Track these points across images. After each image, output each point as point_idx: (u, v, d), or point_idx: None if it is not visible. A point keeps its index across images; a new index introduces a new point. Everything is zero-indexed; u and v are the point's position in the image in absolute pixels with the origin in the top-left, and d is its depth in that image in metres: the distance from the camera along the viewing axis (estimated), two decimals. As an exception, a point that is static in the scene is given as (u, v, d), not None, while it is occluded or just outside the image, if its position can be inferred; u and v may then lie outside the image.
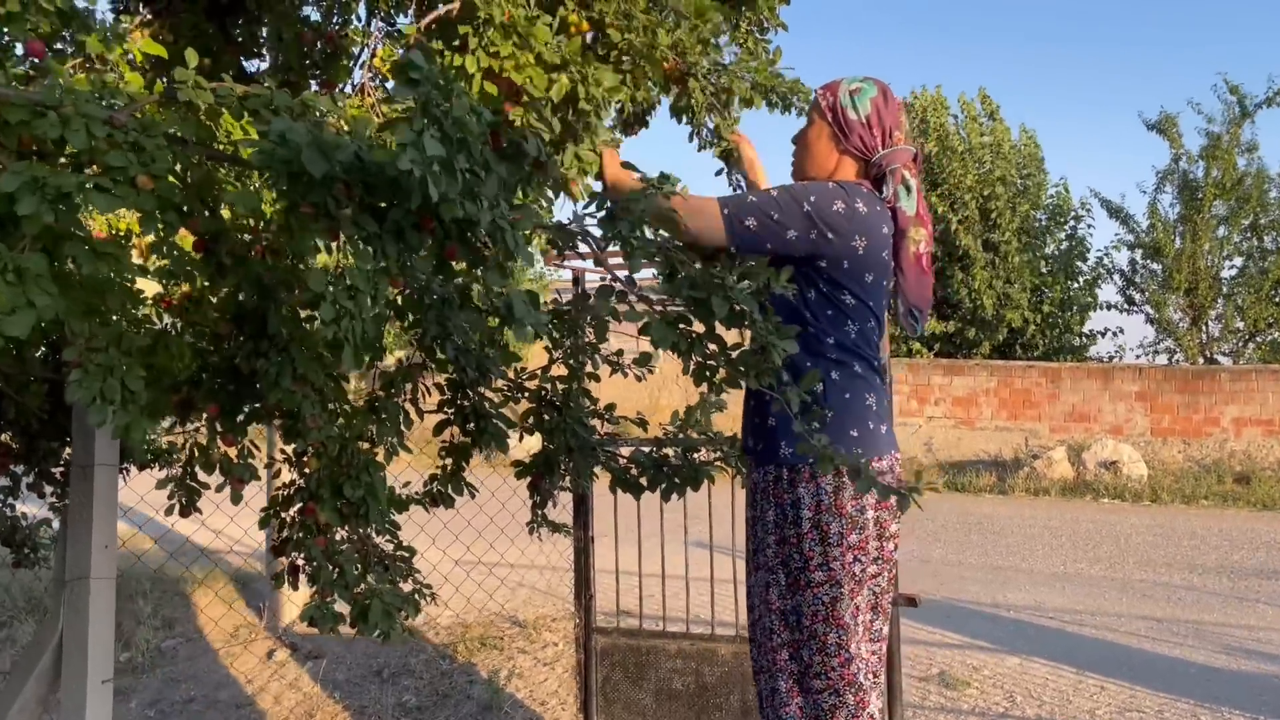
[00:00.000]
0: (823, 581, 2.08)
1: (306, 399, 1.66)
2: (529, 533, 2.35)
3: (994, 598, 6.33)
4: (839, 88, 2.27)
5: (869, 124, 2.24)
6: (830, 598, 2.08)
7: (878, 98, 2.25)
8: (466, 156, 1.33)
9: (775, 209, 2.07)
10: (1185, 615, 5.90)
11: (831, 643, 2.09)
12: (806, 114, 2.35)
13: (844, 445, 2.09)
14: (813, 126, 2.30)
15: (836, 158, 2.26)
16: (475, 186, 1.41)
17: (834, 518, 2.06)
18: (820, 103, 2.29)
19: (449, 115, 1.31)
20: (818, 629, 2.09)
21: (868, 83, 2.27)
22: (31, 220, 1.44)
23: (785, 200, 2.09)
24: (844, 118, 2.24)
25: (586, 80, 2.19)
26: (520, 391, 2.09)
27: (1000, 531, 9.13)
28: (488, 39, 2.10)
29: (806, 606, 2.09)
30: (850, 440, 2.11)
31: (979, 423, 13.90)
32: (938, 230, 15.98)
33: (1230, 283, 15.66)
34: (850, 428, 2.12)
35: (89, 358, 1.55)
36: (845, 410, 2.13)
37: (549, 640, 4.88)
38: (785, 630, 2.13)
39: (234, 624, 4.96)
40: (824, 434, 2.04)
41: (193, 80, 1.65)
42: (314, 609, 1.75)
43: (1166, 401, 13.25)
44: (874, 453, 2.12)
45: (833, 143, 2.26)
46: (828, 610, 2.08)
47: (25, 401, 2.43)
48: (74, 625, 2.34)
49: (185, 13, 2.72)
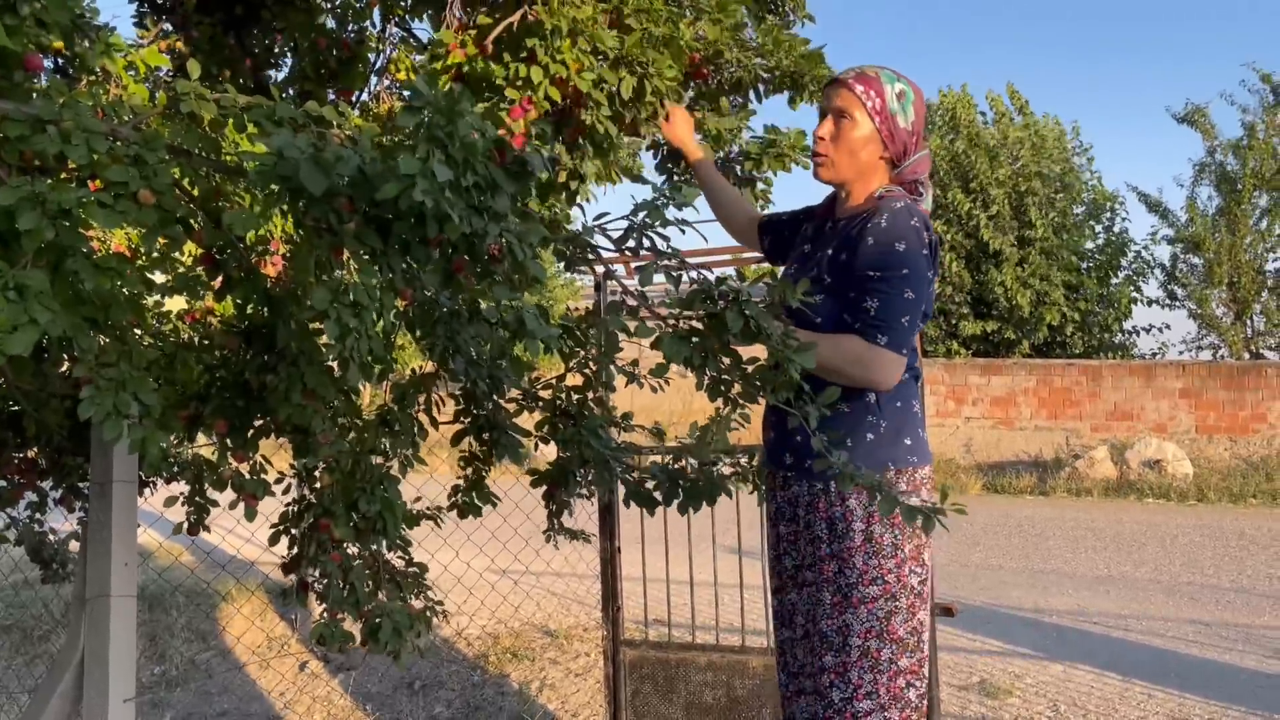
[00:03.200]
0: (877, 596, 2.03)
1: (317, 414, 1.63)
2: (546, 540, 2.31)
3: (1035, 602, 6.20)
4: (884, 88, 2.11)
5: (914, 132, 2.14)
6: (885, 612, 2.02)
7: (918, 102, 2.15)
8: (472, 174, 1.29)
9: (915, 306, 2.01)
10: (1235, 619, 5.73)
11: (885, 659, 2.02)
12: (839, 109, 2.13)
13: (899, 453, 2.08)
14: (857, 128, 2.12)
15: (875, 164, 2.15)
16: (483, 201, 1.38)
17: (886, 528, 2.03)
18: (865, 102, 2.11)
19: (454, 137, 1.27)
20: (870, 645, 2.02)
21: (904, 83, 2.14)
22: (32, 236, 1.42)
23: (913, 287, 2.00)
24: (894, 125, 2.11)
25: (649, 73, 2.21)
26: (535, 401, 2.05)
27: (1041, 534, 8.96)
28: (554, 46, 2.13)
29: (859, 623, 2.03)
30: (904, 448, 2.09)
31: (1018, 423, 13.68)
32: (969, 228, 15.79)
33: (1275, 275, 15.31)
34: (905, 435, 2.10)
35: (99, 373, 1.53)
36: (899, 418, 2.11)
37: (580, 650, 4.83)
38: (829, 653, 2.05)
39: (266, 635, 4.96)
40: (880, 442, 2.06)
41: (195, 92, 1.62)
42: (324, 627, 1.71)
43: (1211, 398, 12.96)
44: (925, 461, 2.12)
45: (876, 148, 2.13)
46: (882, 625, 2.02)
47: (45, 418, 2.43)
48: (95, 644, 2.33)
49: (202, 25, 2.72)
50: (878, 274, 2.00)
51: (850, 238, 2.08)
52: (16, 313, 1.38)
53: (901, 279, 1.99)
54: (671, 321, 1.58)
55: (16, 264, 1.42)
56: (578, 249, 1.67)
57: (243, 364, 1.72)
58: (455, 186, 1.31)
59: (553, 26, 2.10)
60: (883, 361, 1.99)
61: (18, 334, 1.38)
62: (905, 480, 2.08)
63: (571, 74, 2.14)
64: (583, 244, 1.64)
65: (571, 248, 1.67)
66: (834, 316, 2.06)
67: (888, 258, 2.00)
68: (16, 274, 1.40)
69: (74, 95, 1.55)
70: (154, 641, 4.85)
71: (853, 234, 2.08)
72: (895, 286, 1.99)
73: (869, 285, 2.00)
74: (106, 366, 1.59)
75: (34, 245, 1.40)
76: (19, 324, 1.38)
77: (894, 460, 2.08)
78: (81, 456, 2.70)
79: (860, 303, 2.01)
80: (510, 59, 2.21)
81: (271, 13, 2.74)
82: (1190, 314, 15.88)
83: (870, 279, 2.01)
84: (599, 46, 2.17)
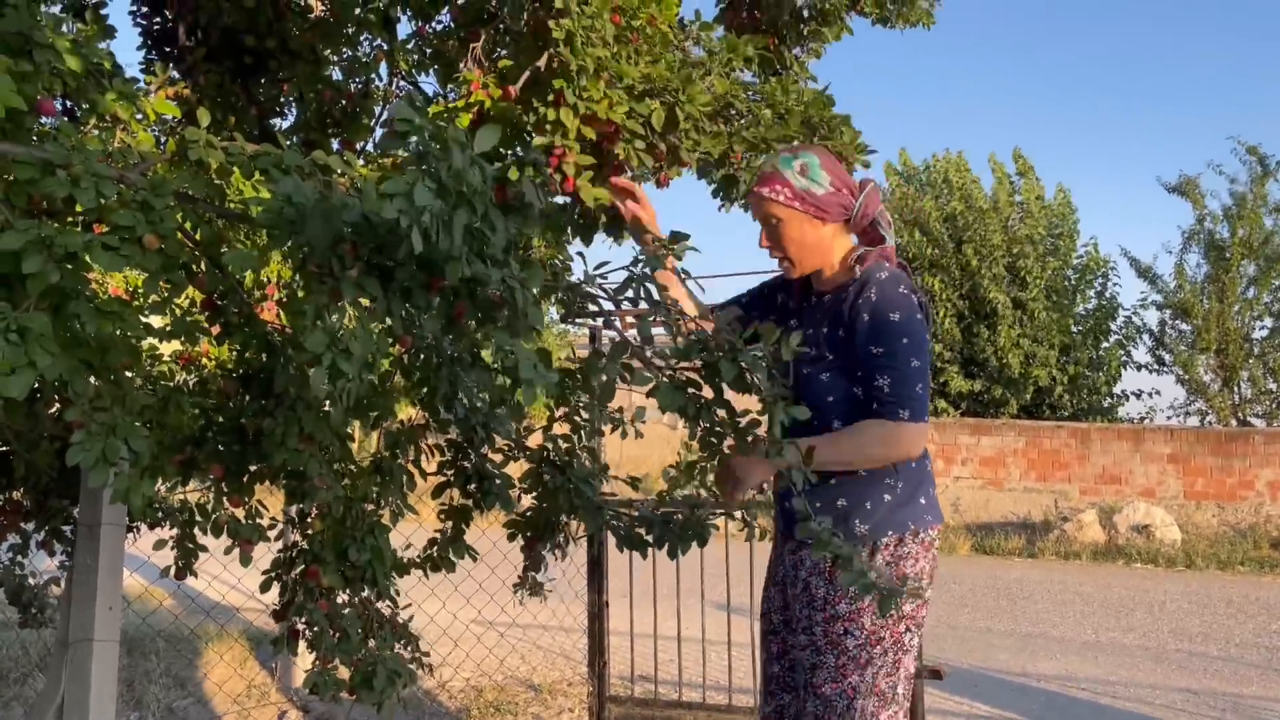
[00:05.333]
0: (879, 656, 2.05)
1: (313, 459, 1.63)
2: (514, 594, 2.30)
3: (1023, 666, 6.15)
4: (784, 175, 2.13)
5: (837, 189, 2.15)
6: (883, 670, 2.05)
7: (825, 159, 2.17)
8: (469, 212, 1.30)
9: (924, 371, 2.07)
10: (1223, 688, 5.69)
11: (870, 712, 2.05)
12: (763, 218, 2.17)
13: (917, 512, 2.12)
14: (787, 223, 2.14)
15: (829, 236, 2.17)
16: (482, 244, 1.39)
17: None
18: (777, 199, 2.13)
19: (449, 169, 1.28)
20: (868, 706, 2.04)
21: (802, 155, 2.16)
22: (36, 279, 1.43)
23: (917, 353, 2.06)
24: (814, 198, 2.13)
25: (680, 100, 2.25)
26: (522, 450, 2.05)
27: (1030, 597, 8.91)
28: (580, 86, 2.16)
29: (864, 685, 2.05)
30: (921, 508, 2.13)
31: (1007, 483, 13.67)
32: (965, 288, 15.93)
33: (1261, 343, 15.44)
34: (919, 495, 2.15)
35: (92, 418, 1.53)
36: (915, 477, 2.14)
37: (564, 705, 4.77)
38: (832, 717, 2.06)
39: (245, 684, 4.89)
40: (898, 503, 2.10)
41: (204, 140, 1.65)
42: (317, 675, 1.70)
43: (1200, 464, 12.99)
44: (937, 520, 2.17)
45: (814, 226, 2.15)
46: (875, 683, 2.05)
47: (35, 459, 2.41)
48: (76, 689, 2.30)
49: (210, 73, 2.76)
50: (881, 350, 2.04)
51: (842, 314, 2.11)
52: (17, 355, 1.38)
53: (905, 349, 2.03)
54: (668, 372, 1.59)
55: (19, 306, 1.43)
56: (577, 298, 1.69)
57: (240, 408, 1.72)
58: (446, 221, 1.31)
59: (579, 67, 2.13)
60: (910, 435, 2.04)
61: (15, 377, 1.38)
62: (918, 542, 2.11)
63: (603, 109, 2.17)
64: (582, 293, 1.66)
65: (571, 296, 1.69)
66: (847, 393, 2.10)
67: (887, 331, 2.04)
68: (19, 316, 1.40)
69: (83, 140, 1.57)
70: (131, 687, 4.77)
71: (844, 310, 2.11)
72: (901, 358, 2.03)
73: (876, 362, 2.04)
74: (100, 411, 1.59)
75: (39, 289, 1.41)
76: (18, 366, 1.39)
77: (913, 520, 2.11)
78: (68, 499, 2.68)
79: (872, 381, 2.05)
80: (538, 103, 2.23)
81: (279, 63, 2.79)
82: (1178, 379, 15.98)
83: (875, 356, 2.04)
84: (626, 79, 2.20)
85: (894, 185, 17.26)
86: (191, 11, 2.87)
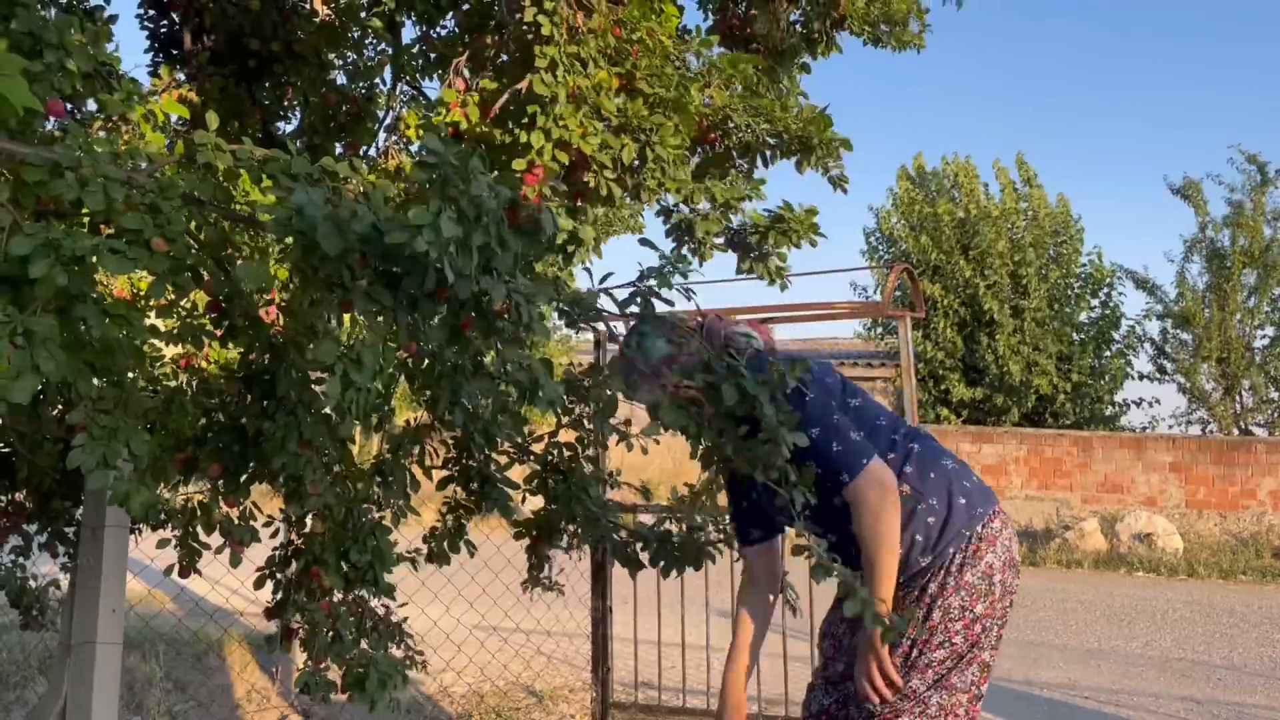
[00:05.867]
0: (945, 659, 2.11)
1: (310, 464, 1.63)
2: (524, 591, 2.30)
3: (1026, 675, 6.13)
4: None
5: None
6: (947, 669, 2.11)
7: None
8: (483, 233, 1.31)
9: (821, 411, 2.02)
10: (1227, 697, 5.68)
11: (935, 705, 2.10)
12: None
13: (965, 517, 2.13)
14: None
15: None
16: (491, 260, 1.39)
17: (954, 594, 2.10)
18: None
19: (465, 195, 1.29)
20: (932, 697, 2.10)
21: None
22: (44, 284, 1.42)
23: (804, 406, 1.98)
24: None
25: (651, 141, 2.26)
26: (527, 455, 2.05)
27: (1032, 605, 8.89)
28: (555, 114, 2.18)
29: (918, 676, 2.10)
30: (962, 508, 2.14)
31: (1009, 491, 13.65)
32: (966, 295, 15.91)
33: (1263, 352, 15.42)
34: (957, 495, 2.16)
35: (95, 420, 1.52)
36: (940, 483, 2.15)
37: (566, 712, 4.75)
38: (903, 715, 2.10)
39: (246, 688, 4.88)
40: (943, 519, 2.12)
41: (213, 143, 1.64)
42: (308, 675, 1.70)
43: (1201, 473, 12.96)
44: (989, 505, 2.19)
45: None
46: (941, 679, 2.10)
47: (38, 461, 2.41)
48: (78, 691, 2.29)
49: (214, 76, 2.76)
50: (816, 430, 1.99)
51: None
52: (23, 359, 1.38)
53: (822, 405, 2.02)
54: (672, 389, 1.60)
55: (26, 309, 1.43)
56: (582, 311, 1.69)
57: (241, 410, 1.72)
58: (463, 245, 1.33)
59: (551, 94, 2.15)
60: (870, 479, 2.00)
61: (20, 381, 1.38)
62: (981, 540, 2.13)
63: (575, 138, 2.18)
64: (587, 306, 1.66)
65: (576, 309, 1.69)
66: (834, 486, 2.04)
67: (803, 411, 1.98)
68: (26, 319, 1.40)
69: (92, 142, 1.57)
70: (132, 690, 4.76)
71: None
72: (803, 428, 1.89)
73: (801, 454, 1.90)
74: (103, 413, 1.59)
75: (47, 293, 1.40)
76: (23, 371, 1.38)
77: (964, 526, 2.13)
78: (70, 500, 2.68)
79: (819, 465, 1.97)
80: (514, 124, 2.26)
81: (284, 67, 2.79)
82: (1180, 388, 15.95)
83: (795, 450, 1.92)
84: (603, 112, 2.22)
85: (904, 190, 17.25)
86: (197, 15, 2.88)
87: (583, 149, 2.13)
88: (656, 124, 2.23)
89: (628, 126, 2.23)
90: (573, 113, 2.15)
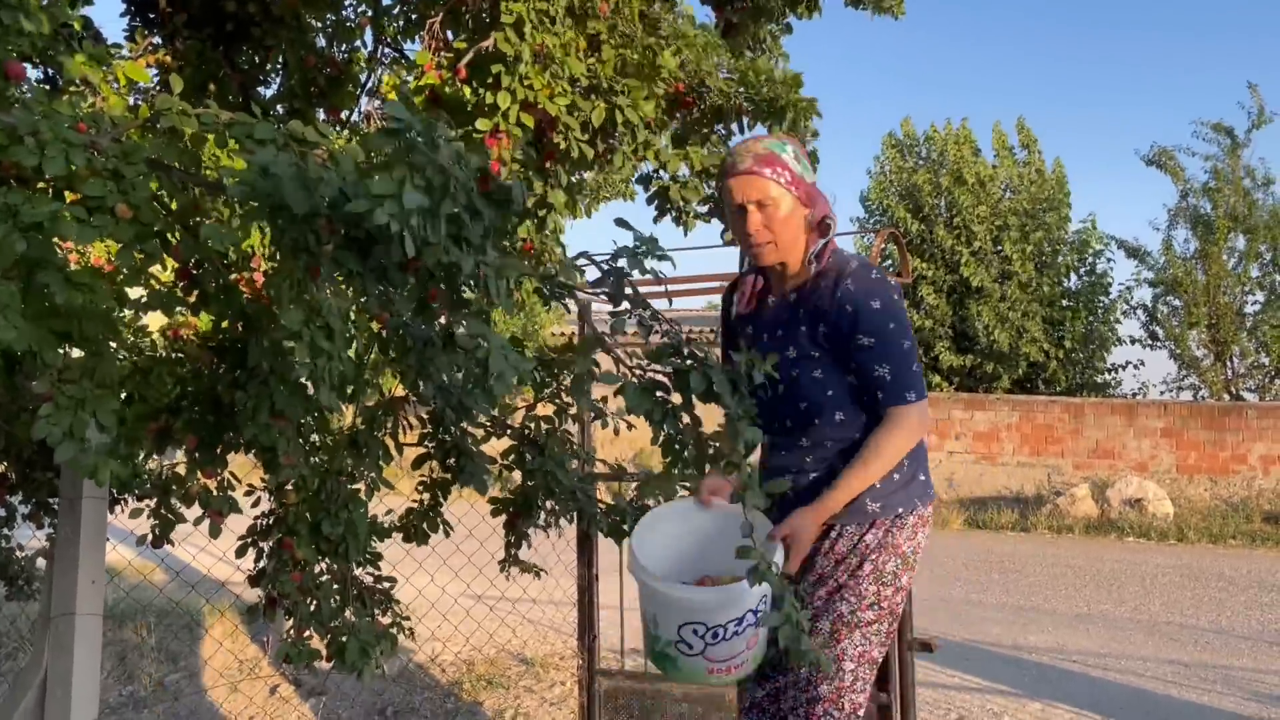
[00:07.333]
0: (871, 621, 2.13)
1: (283, 435, 1.60)
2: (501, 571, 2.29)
3: (1015, 639, 6.17)
4: (785, 160, 2.11)
5: (813, 181, 2.17)
6: (876, 636, 2.14)
7: (802, 150, 2.18)
8: (451, 202, 1.28)
9: (915, 349, 2.13)
10: (1214, 660, 5.72)
11: (861, 680, 2.13)
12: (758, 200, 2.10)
13: (921, 490, 2.20)
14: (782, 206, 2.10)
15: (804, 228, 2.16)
16: (461, 230, 1.36)
17: (890, 557, 2.13)
18: (778, 180, 2.10)
19: (433, 163, 1.26)
20: (861, 671, 2.12)
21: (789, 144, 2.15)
22: (2, 250, 1.39)
23: (905, 334, 2.11)
24: (806, 186, 2.12)
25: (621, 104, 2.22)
26: (504, 429, 2.03)
27: (1022, 570, 8.94)
28: (520, 73, 2.13)
29: (852, 648, 2.12)
30: (921, 484, 2.20)
31: (1001, 458, 13.69)
32: (950, 262, 15.87)
33: (1254, 318, 15.42)
34: (919, 471, 2.22)
35: (60, 390, 1.50)
36: (915, 455, 2.20)
37: (555, 679, 4.77)
38: (824, 683, 2.11)
39: (237, 658, 4.89)
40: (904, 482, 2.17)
41: (178, 107, 1.60)
42: (290, 646, 1.69)
43: (1192, 438, 13.01)
44: (931, 495, 2.24)
45: (799, 214, 2.13)
46: (867, 649, 2.13)
47: (17, 432, 2.38)
48: (59, 663, 2.27)
49: (191, 39, 2.70)
50: (872, 340, 2.07)
51: (822, 309, 2.11)
52: (-18, 326, 1.35)
53: (893, 333, 2.07)
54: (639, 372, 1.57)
55: (-13, 276, 1.39)
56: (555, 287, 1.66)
57: (215, 379, 1.69)
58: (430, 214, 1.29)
59: (515, 53, 2.10)
60: (920, 414, 2.11)
61: (-17, 347, 1.35)
62: (917, 517, 2.17)
63: (542, 99, 2.14)
64: (559, 284, 1.63)
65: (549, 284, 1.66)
66: (840, 385, 2.13)
67: (874, 320, 2.06)
68: (-14, 286, 1.37)
69: (53, 106, 1.53)
70: (123, 661, 4.77)
71: (824, 305, 2.11)
72: (893, 343, 2.07)
73: (870, 353, 2.07)
74: (68, 383, 1.56)
75: (5, 260, 1.37)
76: (-14, 337, 1.35)
77: (918, 497, 2.18)
78: (51, 471, 2.66)
79: (871, 371, 2.08)
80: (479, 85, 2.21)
81: (262, 30, 2.72)
82: (1170, 354, 15.96)
83: (868, 347, 2.07)
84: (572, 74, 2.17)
85: (890, 158, 17.15)
86: (172, -23, 2.81)
87: (548, 110, 2.09)
88: (628, 87, 2.18)
89: (598, 89, 2.19)
90: (538, 72, 2.10)
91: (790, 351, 2.14)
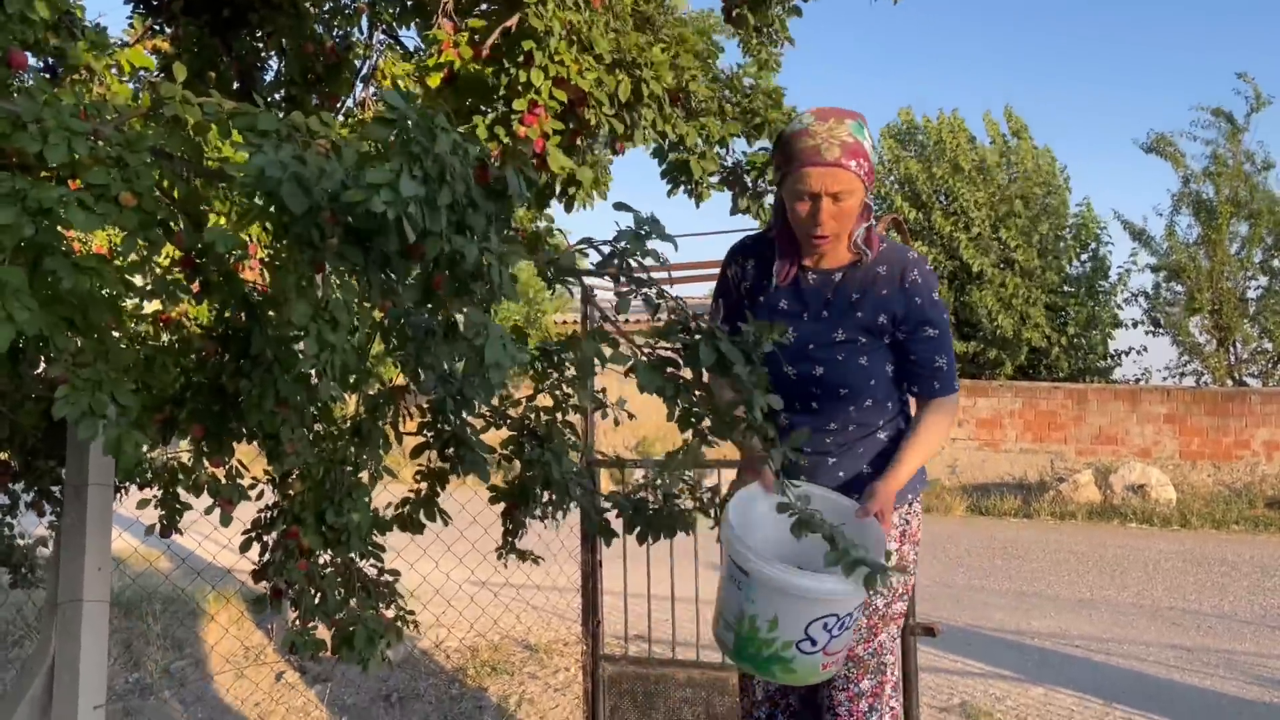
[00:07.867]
0: (900, 613, 2.16)
1: (286, 423, 1.61)
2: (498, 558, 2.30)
3: (1018, 624, 6.19)
4: (864, 148, 2.00)
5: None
6: (899, 628, 2.17)
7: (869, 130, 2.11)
8: (449, 191, 1.28)
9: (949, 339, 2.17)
10: (1217, 644, 5.74)
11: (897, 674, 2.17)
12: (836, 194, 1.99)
13: (920, 476, 2.21)
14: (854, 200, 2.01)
15: None
16: (465, 219, 1.36)
17: (912, 546, 2.17)
18: (860, 174, 2.00)
19: (429, 153, 1.26)
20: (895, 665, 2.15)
21: (863, 124, 2.04)
22: (10, 231, 1.40)
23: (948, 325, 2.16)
24: (872, 171, 2.03)
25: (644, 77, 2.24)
26: (504, 419, 2.04)
27: (1025, 556, 8.96)
28: (552, 49, 2.16)
29: (889, 640, 2.13)
30: (922, 472, 2.22)
31: (1004, 445, 13.70)
32: (950, 249, 15.86)
33: (1256, 303, 15.38)
34: None
35: (75, 373, 1.50)
36: None
37: (560, 665, 4.80)
38: (865, 678, 2.11)
39: (243, 645, 4.91)
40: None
41: (180, 96, 1.60)
42: (294, 635, 1.69)
43: (1195, 424, 13.01)
44: (925, 484, 2.27)
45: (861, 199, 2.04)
46: (897, 641, 2.18)
47: (21, 420, 2.39)
48: (66, 649, 2.29)
49: (189, 26, 2.70)
50: (936, 331, 2.11)
51: (886, 299, 2.07)
52: (-6, 309, 1.36)
53: (947, 325, 2.13)
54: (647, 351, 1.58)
55: (-6, 261, 1.40)
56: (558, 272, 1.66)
57: (219, 368, 1.70)
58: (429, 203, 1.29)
59: (546, 28, 2.11)
60: (957, 403, 2.18)
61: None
62: (919, 502, 2.21)
63: (573, 74, 2.16)
64: (563, 268, 1.63)
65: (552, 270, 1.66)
66: (884, 372, 2.14)
67: (936, 312, 2.10)
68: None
69: (57, 94, 1.53)
70: (129, 648, 4.79)
71: (889, 295, 2.07)
72: (948, 335, 2.14)
73: (934, 343, 2.11)
74: (83, 366, 1.57)
75: (13, 241, 1.38)
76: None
77: (920, 483, 2.20)
78: (55, 459, 2.67)
79: (932, 363, 2.12)
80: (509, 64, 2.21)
81: (259, 16, 2.72)
82: (1173, 340, 15.93)
83: (932, 338, 2.11)
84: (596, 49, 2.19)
85: (888, 147, 17.11)
86: (172, -36, 2.81)
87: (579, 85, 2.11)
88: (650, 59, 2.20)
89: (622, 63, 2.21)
90: (567, 48, 2.12)
91: (839, 334, 2.08)
